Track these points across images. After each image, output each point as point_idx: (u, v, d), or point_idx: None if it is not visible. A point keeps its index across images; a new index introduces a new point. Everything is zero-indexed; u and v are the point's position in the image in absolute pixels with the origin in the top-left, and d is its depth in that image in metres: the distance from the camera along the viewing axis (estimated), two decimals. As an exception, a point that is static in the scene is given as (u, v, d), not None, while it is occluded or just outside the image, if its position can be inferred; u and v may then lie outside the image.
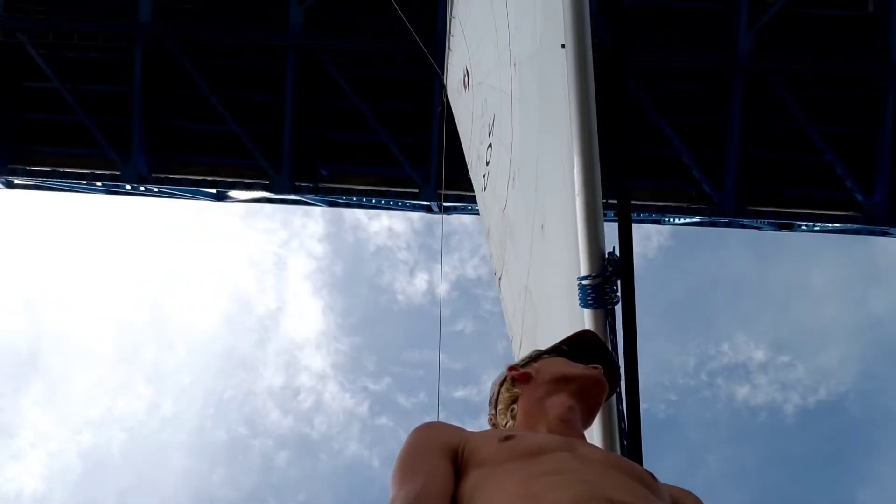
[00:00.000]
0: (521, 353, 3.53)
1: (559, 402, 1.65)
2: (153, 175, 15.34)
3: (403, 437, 1.54)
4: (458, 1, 7.73)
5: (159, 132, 15.80)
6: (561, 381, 1.68)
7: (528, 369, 1.78)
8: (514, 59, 3.71)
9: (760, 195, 16.14)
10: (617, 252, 2.06)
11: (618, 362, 1.88)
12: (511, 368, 1.81)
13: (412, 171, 15.59)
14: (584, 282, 2.02)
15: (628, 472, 1.38)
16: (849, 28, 15.67)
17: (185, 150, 15.95)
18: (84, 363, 52.27)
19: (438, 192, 15.14)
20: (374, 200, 16.22)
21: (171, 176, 15.50)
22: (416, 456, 1.42)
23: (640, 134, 15.21)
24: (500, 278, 4.42)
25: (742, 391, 44.68)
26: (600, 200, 2.03)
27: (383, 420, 44.62)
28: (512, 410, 1.73)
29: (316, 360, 53.76)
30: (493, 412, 1.80)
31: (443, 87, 14.87)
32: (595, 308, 2.01)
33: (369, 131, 15.55)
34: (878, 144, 15.32)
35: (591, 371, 1.70)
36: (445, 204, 16.05)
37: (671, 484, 1.57)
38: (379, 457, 41.52)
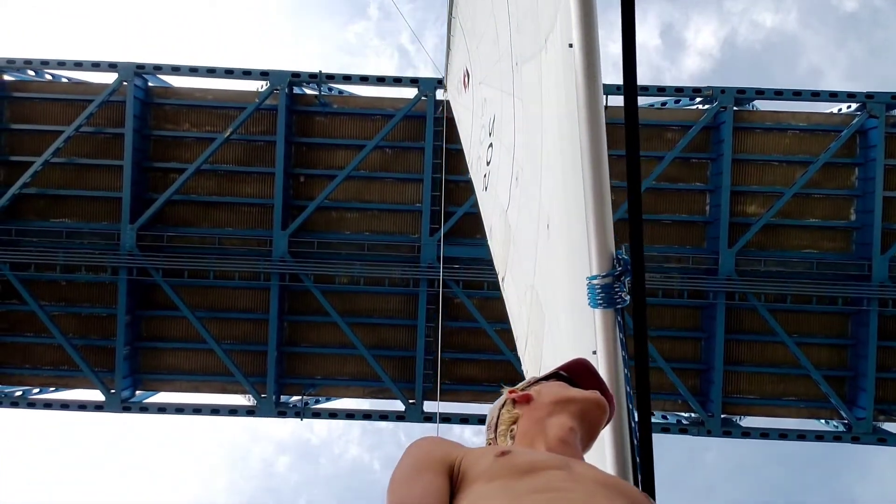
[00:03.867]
0: (526, 352, 3.43)
1: (560, 423, 1.65)
2: (137, 402, 15.13)
3: (404, 440, 1.44)
4: (458, 1, 7.70)
5: (143, 352, 15.74)
6: (562, 403, 1.69)
7: (528, 391, 1.77)
8: (515, 59, 3.62)
9: (746, 404, 16.01)
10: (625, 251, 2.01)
11: (611, 393, 1.84)
12: (511, 391, 1.81)
13: (394, 387, 15.41)
14: (593, 281, 1.97)
15: (621, 493, 1.36)
16: (830, 238, 15.85)
17: (169, 368, 15.83)
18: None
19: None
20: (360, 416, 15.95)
21: (154, 402, 15.27)
22: (413, 472, 1.41)
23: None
24: (503, 278, 4.30)
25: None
26: (609, 199, 1.96)
27: (383, 423, 44.42)
28: (512, 431, 1.71)
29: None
30: (492, 435, 1.77)
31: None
32: (604, 307, 1.95)
33: (352, 346, 15.45)
34: (861, 358, 15.30)
35: (593, 394, 1.71)
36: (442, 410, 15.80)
37: None
38: (379, 460, 42.41)
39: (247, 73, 14.98)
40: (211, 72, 14.87)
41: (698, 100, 15.50)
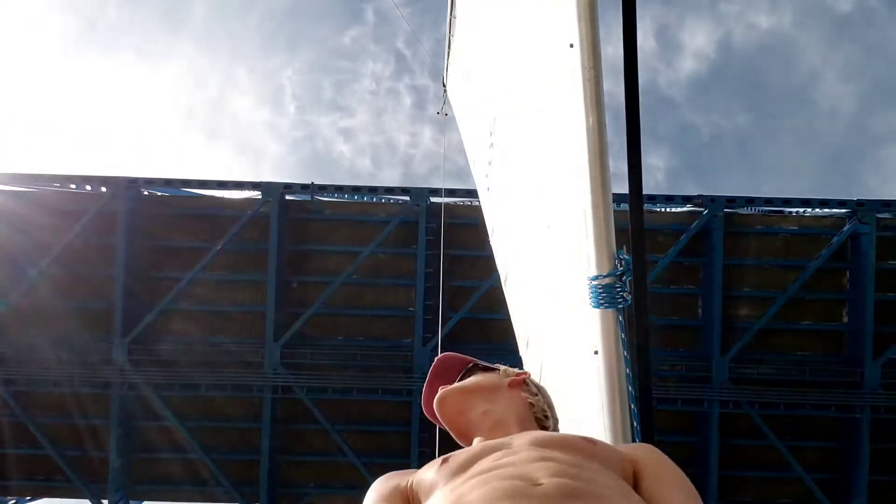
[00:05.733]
0: (527, 352, 3.43)
1: (471, 421, 1.66)
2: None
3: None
4: (458, 1, 7.70)
5: (136, 462, 15.68)
6: (453, 421, 1.70)
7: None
8: (516, 58, 3.60)
9: (741, 508, 16.03)
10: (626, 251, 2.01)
11: (451, 359, 1.86)
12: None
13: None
14: (594, 281, 1.98)
15: (559, 446, 1.35)
16: (823, 339, 15.90)
17: (161, 478, 15.76)
18: None
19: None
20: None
21: (146, 515, 15.22)
22: None
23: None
24: (505, 278, 4.27)
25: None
26: (610, 199, 1.99)
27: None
28: None
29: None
30: None
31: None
32: (606, 307, 1.95)
33: (343, 454, 15.42)
34: (854, 462, 15.34)
35: (428, 406, 1.75)
36: None
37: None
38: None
39: (239, 185, 14.97)
40: (203, 184, 14.86)
41: (688, 205, 15.55)
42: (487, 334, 15.45)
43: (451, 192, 15.05)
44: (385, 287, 15.90)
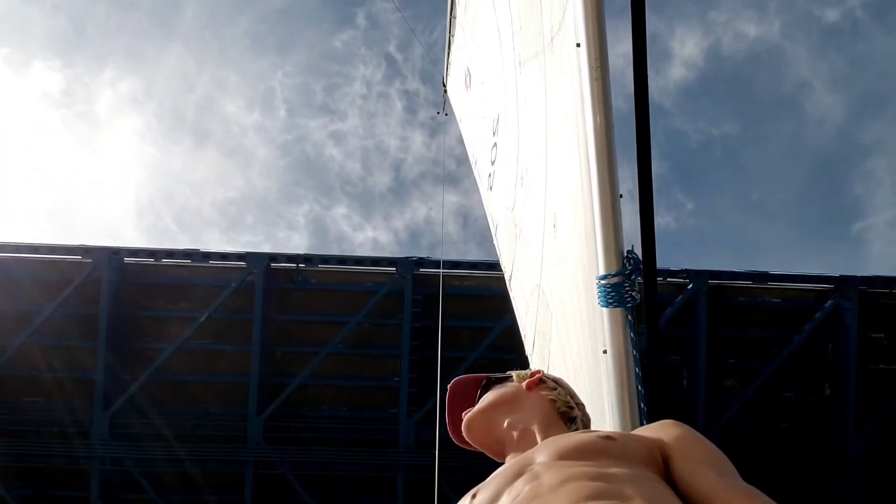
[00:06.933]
0: (534, 351, 3.40)
1: (502, 436, 1.60)
2: None
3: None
4: (458, 1, 7.68)
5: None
6: (484, 444, 1.65)
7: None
8: (518, 58, 3.58)
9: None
10: (636, 249, 1.99)
11: (464, 381, 1.79)
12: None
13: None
14: (602, 281, 1.97)
15: (580, 454, 1.27)
16: (805, 409, 15.99)
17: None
18: None
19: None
20: None
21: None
22: None
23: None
24: (509, 277, 4.25)
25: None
26: (618, 199, 1.98)
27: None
28: None
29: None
30: None
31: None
32: (615, 306, 1.95)
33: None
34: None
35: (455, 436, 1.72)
36: None
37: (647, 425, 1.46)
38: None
39: (224, 257, 14.88)
40: (187, 256, 14.75)
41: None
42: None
43: (446, 264, 15.06)
44: (370, 357, 15.81)
